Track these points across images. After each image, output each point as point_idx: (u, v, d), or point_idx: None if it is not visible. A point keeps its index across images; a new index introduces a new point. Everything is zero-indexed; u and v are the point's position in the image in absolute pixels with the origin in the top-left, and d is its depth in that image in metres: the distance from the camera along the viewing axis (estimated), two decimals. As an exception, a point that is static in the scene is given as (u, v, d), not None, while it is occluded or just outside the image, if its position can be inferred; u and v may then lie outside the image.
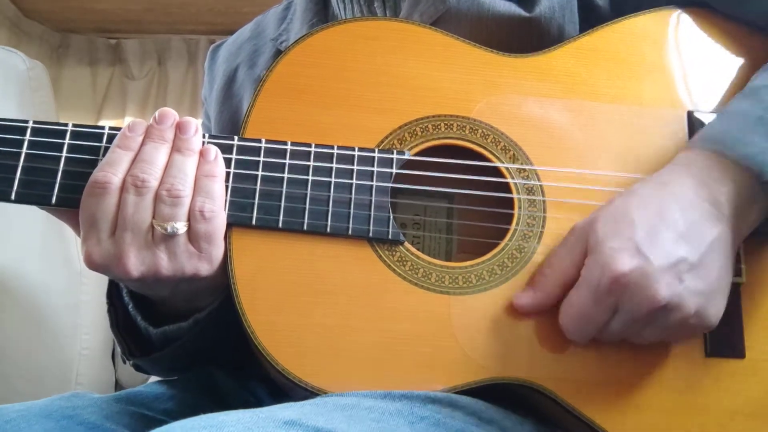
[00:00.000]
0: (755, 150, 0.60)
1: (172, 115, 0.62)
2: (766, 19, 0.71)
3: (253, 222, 0.62)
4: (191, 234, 0.60)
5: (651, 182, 0.62)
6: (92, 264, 0.59)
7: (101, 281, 0.74)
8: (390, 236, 0.63)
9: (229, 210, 0.62)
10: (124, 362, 0.74)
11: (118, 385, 1.65)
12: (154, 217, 0.59)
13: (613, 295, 0.57)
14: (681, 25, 0.73)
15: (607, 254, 0.58)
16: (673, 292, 0.57)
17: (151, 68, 3.09)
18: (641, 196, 0.61)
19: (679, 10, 0.73)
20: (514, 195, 0.66)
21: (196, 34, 3.06)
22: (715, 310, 0.59)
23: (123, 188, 0.59)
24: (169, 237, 0.59)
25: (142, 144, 0.61)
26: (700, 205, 0.60)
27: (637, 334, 0.60)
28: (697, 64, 0.72)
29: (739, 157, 0.61)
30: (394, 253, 0.63)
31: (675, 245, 0.58)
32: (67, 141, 0.62)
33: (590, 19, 0.76)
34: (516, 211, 0.65)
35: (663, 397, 0.62)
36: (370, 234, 0.63)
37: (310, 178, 0.64)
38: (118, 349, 0.74)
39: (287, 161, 0.64)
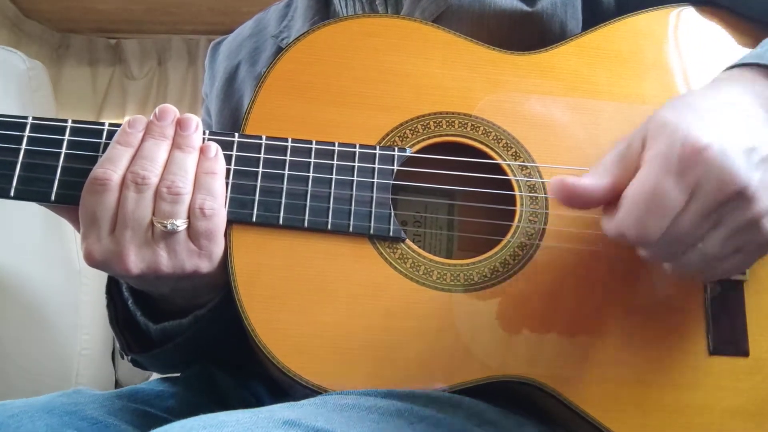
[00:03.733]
0: None
1: (172, 111, 0.62)
2: None
3: (254, 219, 0.62)
4: (191, 231, 0.60)
5: (700, 89, 0.58)
6: (92, 261, 0.59)
7: (101, 280, 0.74)
8: (391, 233, 0.63)
9: (229, 207, 0.62)
10: (123, 357, 0.74)
11: (117, 385, 1.65)
12: (154, 215, 0.59)
13: (693, 170, 0.51)
14: (684, 22, 0.73)
15: (683, 128, 0.52)
16: (752, 177, 0.52)
17: (151, 68, 3.09)
18: (697, 94, 0.57)
19: (683, 8, 0.73)
20: (516, 192, 0.66)
21: (196, 34, 3.06)
22: None
23: (123, 185, 0.59)
24: (169, 234, 0.59)
25: (143, 140, 0.61)
26: (757, 106, 0.56)
27: (707, 237, 0.53)
28: (700, 62, 0.71)
29: None
30: (395, 250, 0.63)
31: (746, 133, 0.53)
32: (66, 137, 0.62)
33: (594, 15, 0.76)
34: (518, 208, 0.65)
35: (665, 395, 0.62)
36: (371, 231, 0.63)
37: (311, 175, 0.63)
38: (118, 347, 0.74)
39: (288, 158, 0.63)
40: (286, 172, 0.63)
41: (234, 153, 0.63)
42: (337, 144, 0.64)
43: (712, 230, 0.53)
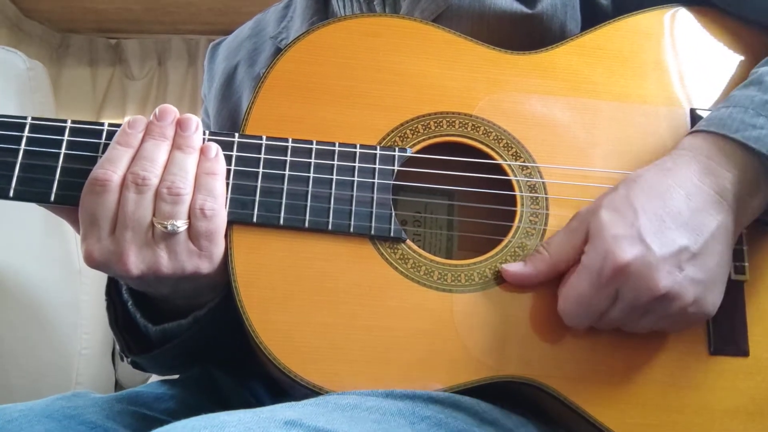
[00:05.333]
0: (762, 132, 0.60)
1: (172, 111, 0.62)
2: (767, 17, 0.71)
3: (254, 219, 0.62)
4: (192, 232, 0.60)
5: (655, 168, 0.62)
6: (92, 262, 0.59)
7: (101, 280, 0.74)
8: (392, 234, 0.63)
9: (229, 207, 0.62)
10: (122, 359, 0.74)
11: (118, 385, 1.65)
12: (154, 215, 0.59)
13: (615, 284, 0.57)
14: (683, 23, 0.73)
15: (609, 242, 0.57)
16: (674, 281, 0.57)
17: (151, 68, 3.09)
18: (645, 181, 0.61)
19: (681, 8, 0.73)
20: (517, 192, 0.66)
21: (196, 34, 3.06)
22: (713, 299, 0.59)
23: (123, 186, 0.59)
24: (170, 235, 0.59)
25: (143, 141, 0.61)
26: (705, 191, 0.59)
27: (635, 323, 0.60)
28: (700, 62, 0.71)
29: (745, 139, 0.60)
30: (395, 250, 0.63)
31: (677, 233, 0.57)
32: (66, 137, 0.61)
33: (593, 16, 0.76)
34: (518, 209, 0.65)
35: (666, 395, 0.62)
36: (372, 231, 0.63)
37: (312, 175, 0.63)
38: (118, 348, 0.74)
39: (288, 158, 0.63)
40: (287, 172, 0.63)
41: (234, 153, 0.63)
42: (337, 144, 0.64)
43: (642, 316, 0.59)
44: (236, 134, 0.64)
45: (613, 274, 0.57)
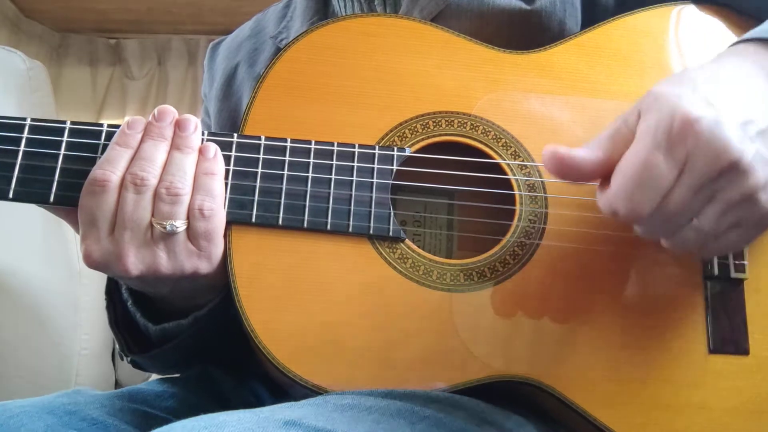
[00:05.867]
0: None
1: (171, 112, 0.62)
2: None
3: (253, 219, 0.62)
4: (191, 232, 0.60)
5: (702, 65, 0.57)
6: (91, 262, 0.59)
7: (100, 280, 0.74)
8: (391, 233, 0.63)
9: (228, 208, 0.62)
10: (122, 359, 0.74)
11: (117, 385, 1.65)
12: (153, 216, 0.59)
13: (685, 144, 0.50)
14: (683, 21, 0.73)
15: (674, 101, 0.51)
16: (746, 149, 0.50)
17: (151, 68, 3.09)
18: (696, 68, 0.56)
19: (682, 6, 0.73)
20: (516, 191, 0.66)
21: (196, 34, 3.06)
22: None
23: (122, 186, 0.59)
24: (169, 235, 0.59)
25: (141, 141, 0.61)
26: (761, 77, 0.55)
27: (702, 212, 0.52)
28: (699, 61, 0.71)
29: None
30: (394, 250, 0.63)
31: (741, 106, 0.52)
32: (65, 138, 0.62)
33: (593, 13, 0.76)
34: (517, 208, 0.65)
35: (666, 394, 0.62)
36: (371, 231, 0.63)
37: (310, 175, 0.63)
38: (118, 348, 0.74)
39: (287, 158, 0.63)
40: (286, 172, 0.63)
41: (233, 153, 0.63)
42: (336, 144, 0.64)
43: (707, 205, 0.52)
44: (235, 134, 0.64)
45: (684, 130, 0.49)
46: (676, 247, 0.56)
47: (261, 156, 0.63)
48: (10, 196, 0.60)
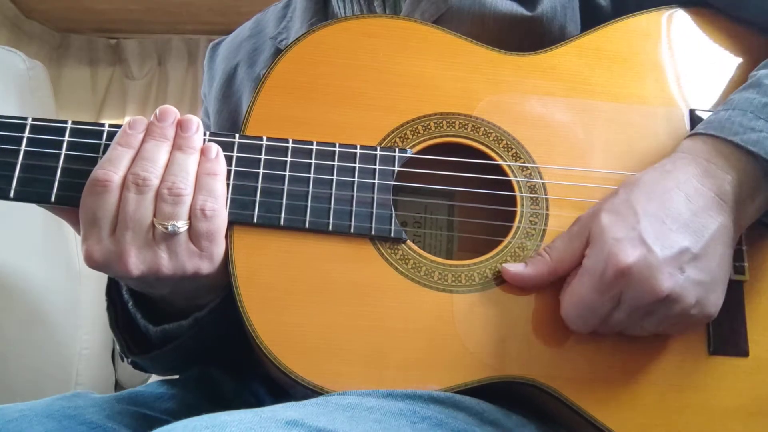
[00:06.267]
0: (761, 135, 0.60)
1: (173, 112, 0.62)
2: (766, 19, 0.71)
3: (255, 220, 0.62)
4: (192, 232, 0.60)
5: (655, 170, 0.62)
6: (92, 263, 0.59)
7: (101, 281, 0.74)
8: (392, 234, 0.63)
9: (230, 208, 0.62)
10: (123, 360, 0.74)
11: (118, 385, 1.65)
12: (155, 216, 0.59)
13: (617, 287, 0.57)
14: (682, 24, 0.73)
15: (611, 244, 0.57)
16: (676, 282, 0.57)
17: (151, 68, 3.09)
18: (645, 184, 0.61)
19: (680, 10, 0.73)
20: (517, 193, 0.66)
21: (196, 34, 3.06)
22: (715, 300, 0.59)
23: (124, 186, 0.59)
24: (170, 236, 0.59)
25: (143, 141, 0.61)
26: (705, 193, 0.59)
27: (638, 326, 0.60)
28: (699, 63, 0.72)
29: (744, 142, 0.60)
30: (396, 251, 0.63)
31: (678, 235, 0.57)
32: (66, 138, 0.62)
33: (592, 18, 0.76)
34: (518, 209, 0.65)
35: (666, 396, 0.62)
36: (372, 232, 0.63)
37: (312, 176, 0.63)
38: (118, 348, 0.74)
39: (289, 159, 0.63)
40: (287, 173, 0.63)
41: (235, 154, 0.63)
42: (337, 145, 0.64)
43: (644, 318, 0.59)
44: (237, 135, 0.64)
45: (615, 276, 0.57)
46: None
47: (262, 156, 0.63)
48: (11, 195, 0.60)
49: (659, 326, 0.60)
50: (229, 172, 0.62)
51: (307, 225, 0.62)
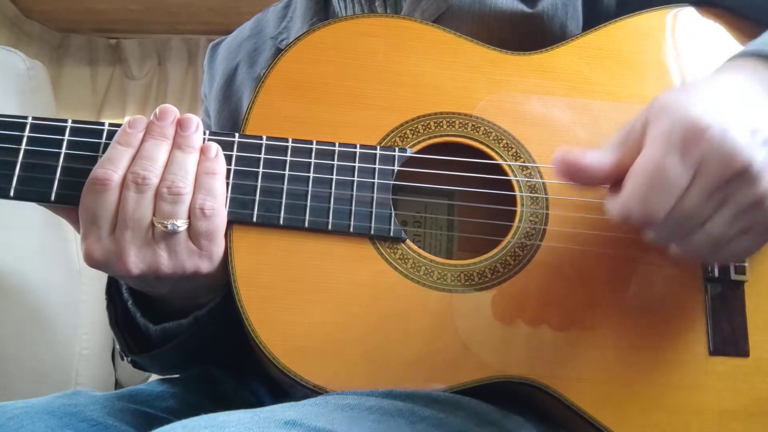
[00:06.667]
0: None
1: (172, 111, 0.62)
2: None
3: (254, 219, 0.62)
4: (192, 231, 0.60)
5: (699, 79, 0.58)
6: (92, 261, 0.59)
7: (101, 280, 0.74)
8: (392, 234, 0.63)
9: (229, 207, 0.62)
10: (122, 359, 0.74)
11: (117, 385, 1.65)
12: (154, 215, 0.59)
13: (697, 148, 0.51)
14: (684, 23, 0.73)
15: (683, 108, 0.52)
16: (755, 156, 0.51)
17: (151, 68, 3.09)
18: (695, 83, 0.57)
19: (683, 8, 0.73)
20: (517, 192, 0.66)
21: (196, 34, 3.06)
22: None
23: (123, 185, 0.59)
24: (170, 234, 0.59)
25: (143, 141, 0.61)
26: (760, 90, 0.56)
27: (714, 215, 0.53)
28: (700, 63, 0.71)
29: None
30: (395, 250, 0.63)
31: (747, 115, 0.53)
32: (66, 137, 0.62)
33: (594, 16, 0.76)
34: (518, 209, 0.65)
35: (665, 396, 0.62)
36: (372, 231, 0.63)
37: (312, 175, 0.63)
38: (118, 348, 0.74)
39: (288, 158, 0.63)
40: (287, 172, 0.63)
41: (234, 153, 0.63)
42: (337, 144, 0.64)
43: (718, 209, 0.52)
44: (236, 134, 0.64)
45: (696, 136, 0.50)
46: (686, 253, 0.56)
47: (262, 156, 0.63)
48: (11, 194, 0.60)
49: (734, 221, 0.53)
50: (228, 171, 0.62)
51: (306, 224, 0.62)
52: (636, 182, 0.52)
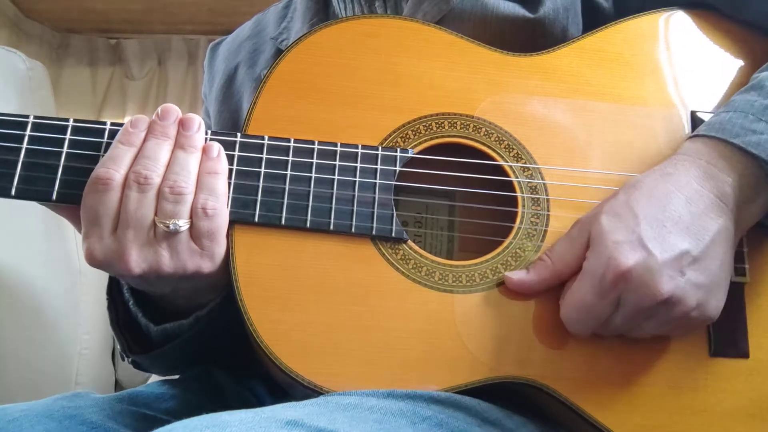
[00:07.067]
0: (762, 137, 0.60)
1: (174, 111, 0.62)
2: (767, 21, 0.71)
3: (256, 219, 0.62)
4: (193, 231, 0.60)
5: (655, 173, 0.62)
6: (93, 261, 0.59)
7: (101, 280, 0.74)
8: (393, 234, 0.63)
9: (231, 207, 0.62)
10: (123, 359, 0.73)
11: (117, 385, 1.65)
12: (156, 214, 0.59)
13: (617, 290, 0.57)
14: (684, 26, 0.73)
15: (610, 248, 0.57)
16: (676, 285, 0.57)
17: (151, 68, 3.09)
18: (645, 186, 0.61)
19: (682, 11, 0.73)
20: (518, 193, 0.66)
21: (196, 34, 3.06)
22: (716, 303, 0.59)
23: (125, 185, 0.59)
24: (172, 234, 0.59)
25: (145, 140, 0.61)
26: (705, 195, 0.59)
27: (638, 328, 0.60)
28: (700, 65, 0.72)
29: (745, 144, 0.60)
30: (397, 251, 0.63)
31: (678, 238, 0.57)
32: (68, 136, 0.61)
33: (594, 19, 0.76)
34: (519, 210, 0.65)
35: (666, 396, 0.62)
36: (373, 232, 0.63)
37: (313, 175, 0.63)
38: (118, 348, 0.73)
39: (290, 158, 0.63)
40: (288, 172, 0.63)
41: (236, 153, 0.63)
42: (339, 144, 0.64)
43: (645, 321, 0.59)
44: (238, 134, 0.64)
45: (615, 279, 0.57)
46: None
47: (264, 156, 0.63)
48: (13, 193, 0.60)
49: (660, 329, 0.60)
50: (230, 171, 0.62)
51: (308, 224, 0.62)
52: (567, 309, 0.61)
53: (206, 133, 0.63)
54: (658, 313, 0.58)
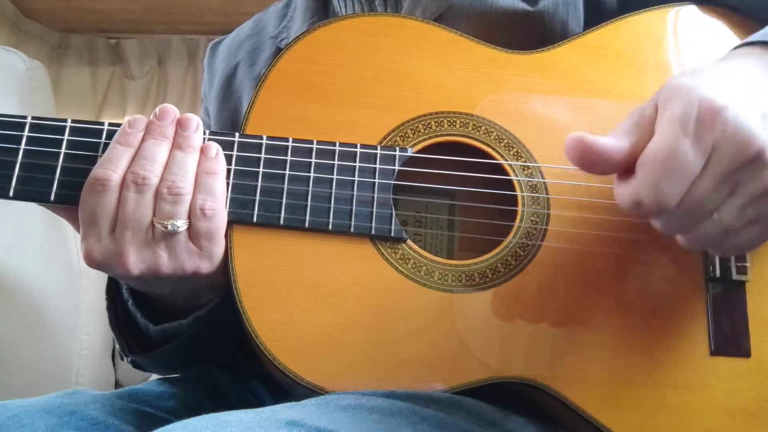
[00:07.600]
0: None
1: (172, 111, 0.62)
2: None
3: (254, 219, 0.62)
4: (192, 232, 0.60)
5: (708, 64, 0.57)
6: (92, 262, 0.59)
7: (101, 281, 0.74)
8: (392, 233, 0.63)
9: (229, 207, 0.62)
10: (123, 359, 0.74)
11: (117, 385, 1.65)
12: (154, 215, 0.59)
13: (711, 131, 0.49)
14: (686, 22, 0.73)
15: (696, 90, 0.50)
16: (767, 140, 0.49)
17: (151, 68, 3.09)
18: (701, 69, 0.55)
19: (684, 7, 0.73)
20: (518, 192, 0.65)
21: (196, 34, 3.06)
22: None
23: (123, 185, 0.59)
24: (170, 235, 0.59)
25: (143, 140, 0.61)
26: (766, 74, 0.55)
27: (725, 203, 0.51)
28: (702, 62, 0.71)
29: None
30: (396, 250, 0.63)
31: (757, 99, 0.52)
32: (66, 137, 0.61)
33: (596, 15, 0.76)
34: (519, 209, 0.65)
35: (666, 396, 0.62)
36: (373, 231, 0.63)
37: (312, 175, 0.63)
38: (118, 348, 0.73)
39: (288, 158, 0.63)
40: (287, 172, 0.63)
41: (234, 153, 0.63)
42: (338, 144, 0.64)
43: (729, 197, 0.51)
44: (236, 134, 0.64)
45: (710, 117, 0.49)
46: (693, 243, 0.55)
47: (262, 155, 0.63)
48: (11, 194, 0.60)
49: (743, 210, 0.51)
50: (228, 171, 0.62)
51: (307, 224, 0.62)
52: (648, 169, 0.50)
53: (204, 133, 0.63)
54: (748, 180, 0.50)
